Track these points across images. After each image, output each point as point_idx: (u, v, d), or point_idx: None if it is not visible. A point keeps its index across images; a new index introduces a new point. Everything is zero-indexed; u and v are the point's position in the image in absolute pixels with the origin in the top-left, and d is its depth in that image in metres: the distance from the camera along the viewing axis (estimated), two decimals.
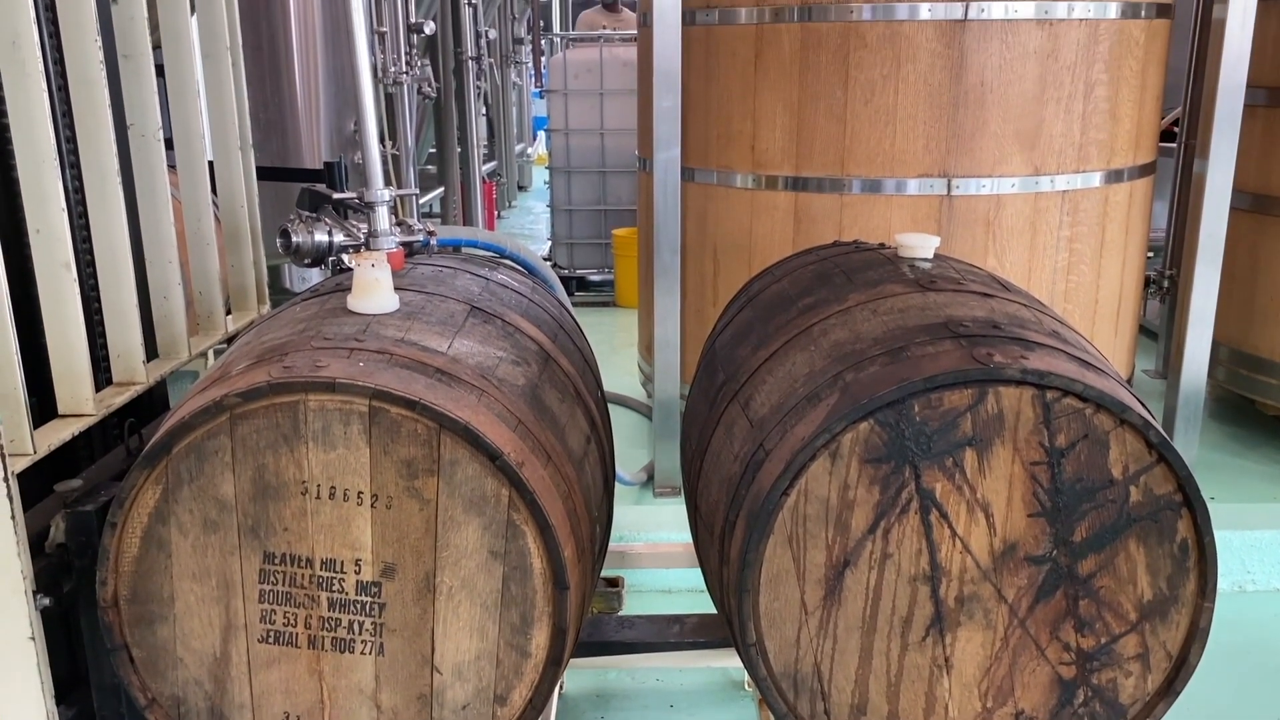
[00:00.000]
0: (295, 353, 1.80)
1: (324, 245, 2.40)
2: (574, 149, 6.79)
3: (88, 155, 2.25)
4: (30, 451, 1.95)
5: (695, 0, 3.59)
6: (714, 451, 2.06)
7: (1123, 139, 3.54)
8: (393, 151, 5.40)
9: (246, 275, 2.92)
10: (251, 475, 1.72)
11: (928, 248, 2.27)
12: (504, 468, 1.71)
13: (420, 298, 2.13)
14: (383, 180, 2.42)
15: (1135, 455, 1.73)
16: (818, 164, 3.50)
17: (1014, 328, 1.87)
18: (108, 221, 2.27)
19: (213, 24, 2.76)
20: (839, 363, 1.87)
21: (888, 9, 3.28)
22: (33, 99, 2.00)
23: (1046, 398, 1.71)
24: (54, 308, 2.10)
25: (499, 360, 1.99)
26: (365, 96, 2.41)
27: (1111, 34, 3.39)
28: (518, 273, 2.75)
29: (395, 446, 1.72)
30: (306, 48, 5.14)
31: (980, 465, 1.74)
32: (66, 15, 2.18)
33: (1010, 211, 3.42)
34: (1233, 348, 4.11)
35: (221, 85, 2.79)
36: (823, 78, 3.40)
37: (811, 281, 2.34)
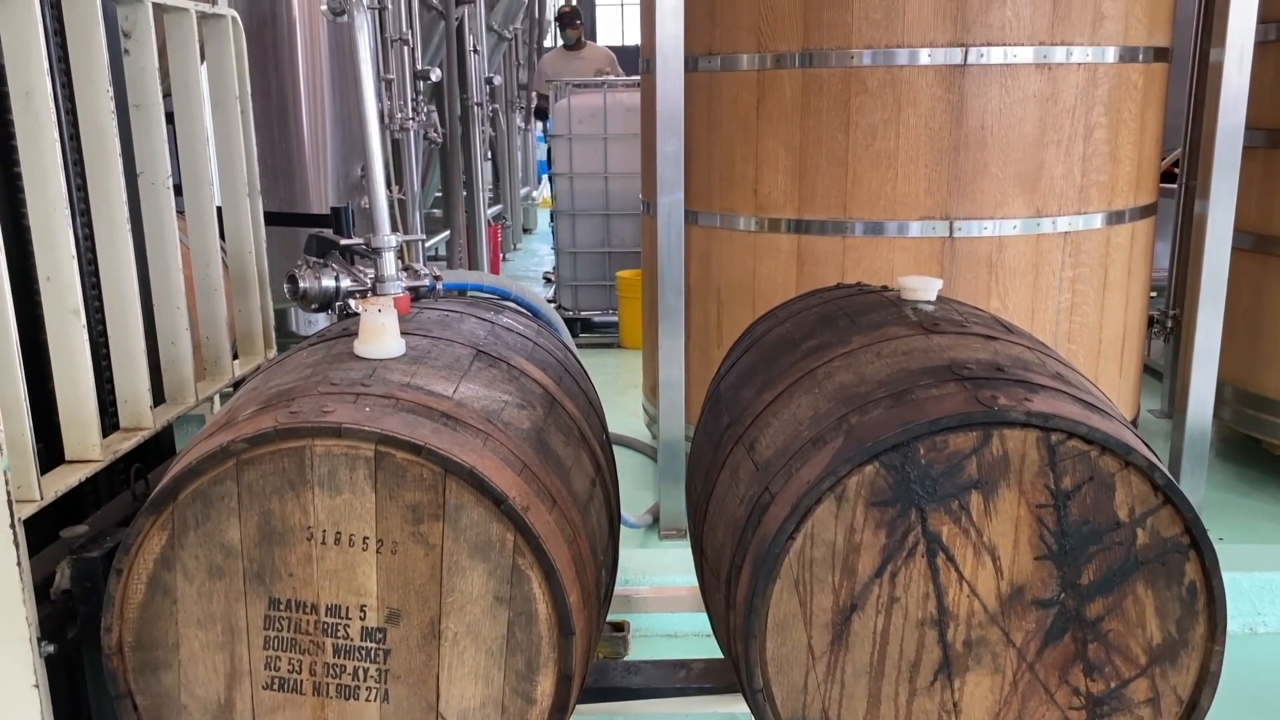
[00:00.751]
0: (302, 398, 1.81)
1: (331, 290, 2.42)
2: (578, 192, 6.85)
3: (98, 203, 2.27)
4: (37, 497, 1.95)
5: (697, 47, 3.63)
6: (719, 495, 2.06)
7: (1123, 180, 3.57)
8: (399, 196, 5.45)
9: (254, 320, 2.94)
10: (257, 521, 1.72)
11: (930, 290, 2.28)
12: (509, 512, 1.71)
13: (426, 342, 2.14)
14: (389, 226, 2.44)
15: (1141, 497, 1.73)
16: (820, 207, 3.53)
17: (1018, 370, 1.87)
18: (117, 268, 2.29)
19: (222, 74, 2.80)
20: (843, 405, 1.87)
21: (888, 55, 3.32)
22: (45, 149, 2.03)
23: (1051, 440, 1.71)
24: (63, 354, 2.11)
25: (504, 404, 2.00)
26: (373, 144, 2.44)
27: (1110, 78, 3.43)
28: (523, 316, 2.77)
29: (401, 491, 1.72)
30: (314, 94, 5.21)
31: (986, 508, 1.74)
32: (79, 66, 2.22)
33: (1012, 253, 3.44)
34: (1238, 387, 4.11)
35: (230, 133, 2.83)
36: (824, 122, 3.44)
37: (815, 324, 2.35)
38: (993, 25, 3.28)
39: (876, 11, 3.30)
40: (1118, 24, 3.40)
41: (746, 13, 3.51)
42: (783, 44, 3.46)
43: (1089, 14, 3.34)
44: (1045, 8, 3.29)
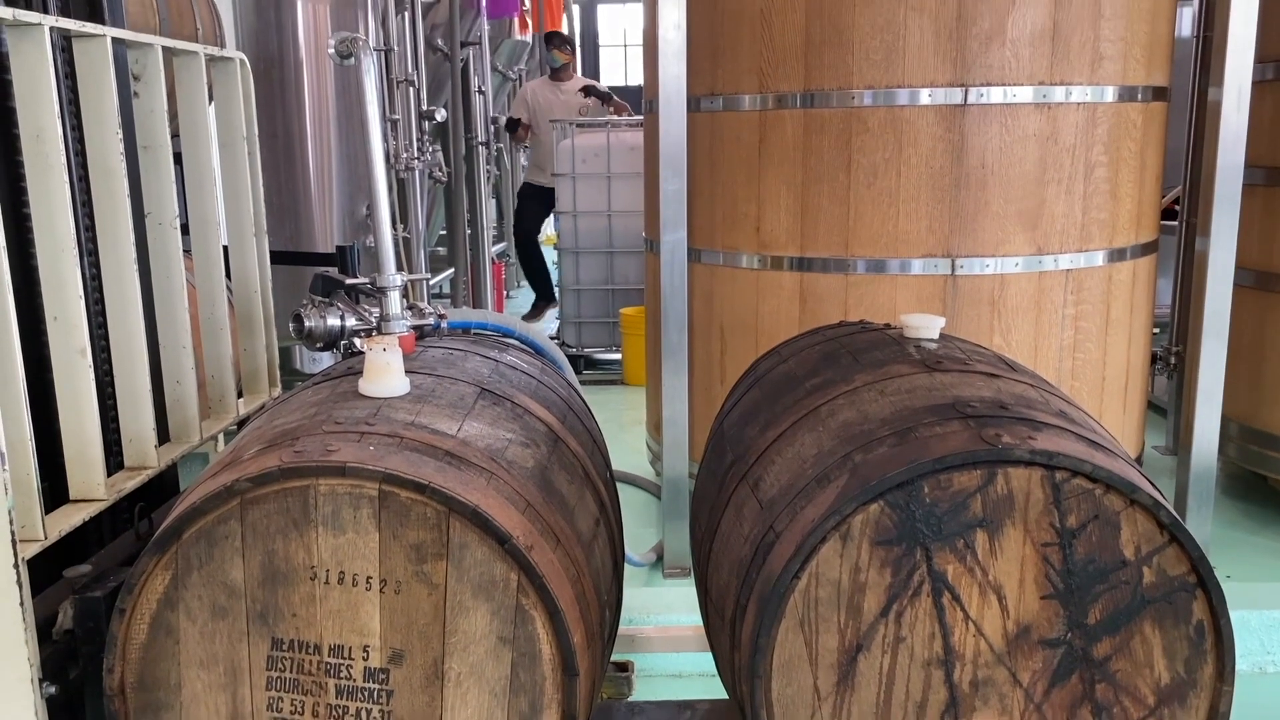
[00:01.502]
0: (306, 437, 1.81)
1: (336, 329, 2.43)
2: (582, 230, 6.89)
3: (105, 243, 2.29)
4: (41, 537, 1.95)
5: (699, 87, 3.67)
6: (723, 533, 2.06)
7: (1124, 218, 3.59)
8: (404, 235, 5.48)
9: (259, 359, 2.95)
10: (261, 560, 1.72)
11: (933, 328, 2.29)
12: (513, 551, 1.71)
13: (431, 380, 2.15)
14: (394, 265, 2.46)
15: (1147, 536, 1.72)
16: (822, 245, 3.54)
17: (1021, 408, 1.87)
18: (123, 308, 2.30)
19: (230, 115, 2.84)
20: (847, 443, 1.87)
21: (889, 95, 3.35)
22: (54, 190, 2.05)
23: (1056, 478, 1.71)
24: (69, 394, 2.12)
25: (508, 442, 2.00)
26: (378, 184, 2.46)
27: (1109, 117, 3.46)
28: (527, 354, 2.78)
29: (404, 530, 1.72)
30: (320, 134, 5.26)
31: (991, 546, 1.73)
32: (89, 108, 2.25)
33: (1015, 290, 3.45)
34: (1242, 424, 4.10)
35: (237, 174, 2.86)
36: (826, 161, 3.47)
37: (818, 362, 2.36)
38: (992, 65, 3.31)
39: (877, 52, 3.34)
40: (1116, 64, 3.44)
41: (748, 54, 3.56)
42: (784, 84, 3.50)
43: (1088, 54, 3.38)
44: (1044, 48, 3.33)
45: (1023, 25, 3.30)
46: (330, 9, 5.24)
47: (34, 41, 2.00)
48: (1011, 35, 3.30)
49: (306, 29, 5.15)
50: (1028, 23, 3.30)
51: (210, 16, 4.28)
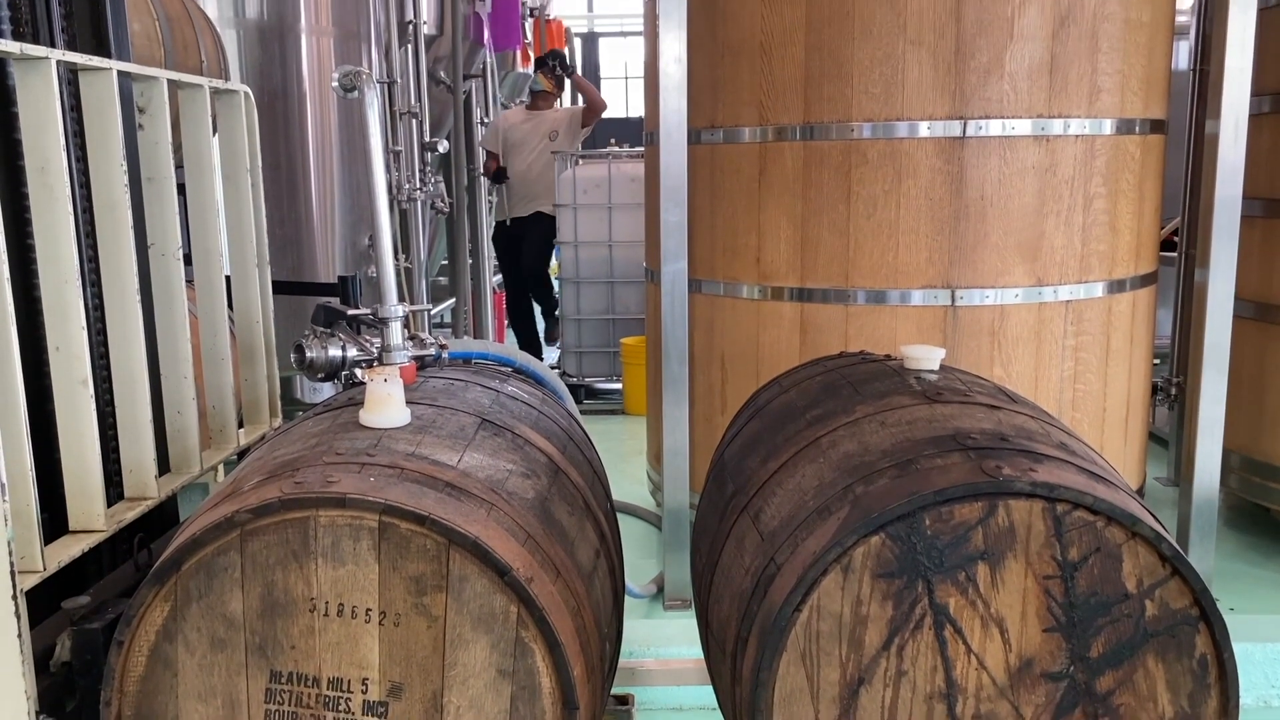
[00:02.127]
0: (307, 468, 1.81)
1: (337, 360, 2.43)
2: (583, 260, 6.92)
3: (109, 274, 2.30)
4: (40, 568, 1.95)
5: (700, 120, 3.70)
6: (724, 565, 2.05)
7: (1123, 250, 3.60)
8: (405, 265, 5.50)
9: (260, 389, 2.95)
10: (260, 592, 1.71)
11: (933, 359, 2.29)
12: (513, 583, 1.70)
13: (432, 411, 2.15)
14: (396, 296, 2.46)
15: (1149, 569, 1.71)
16: (822, 276, 3.55)
17: (1021, 440, 1.87)
18: (126, 339, 2.31)
19: (234, 147, 2.86)
20: (848, 475, 1.87)
21: (888, 127, 3.38)
22: (59, 221, 2.07)
23: (1057, 510, 1.70)
24: (70, 424, 2.12)
25: (509, 473, 2.00)
26: (381, 216, 2.47)
27: (1108, 149, 3.48)
28: (528, 384, 2.78)
29: (404, 562, 1.71)
30: (323, 166, 5.30)
31: (993, 579, 1.72)
32: (94, 141, 2.26)
33: (1015, 321, 3.46)
34: (1244, 455, 4.09)
35: (241, 205, 2.87)
36: (825, 193, 3.49)
37: (819, 393, 2.36)
38: (990, 98, 3.34)
39: (876, 86, 3.37)
40: (1114, 97, 3.46)
41: (748, 87, 3.58)
42: (784, 117, 3.52)
43: (1085, 88, 3.40)
44: (1042, 82, 3.36)
45: (1021, 59, 3.33)
46: (334, 42, 5.29)
47: (41, 75, 2.02)
48: (1010, 69, 3.33)
49: (310, 62, 5.20)
50: (1025, 56, 3.33)
51: (215, 49, 4.32)
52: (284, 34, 5.13)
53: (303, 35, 5.16)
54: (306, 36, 5.17)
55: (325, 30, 5.25)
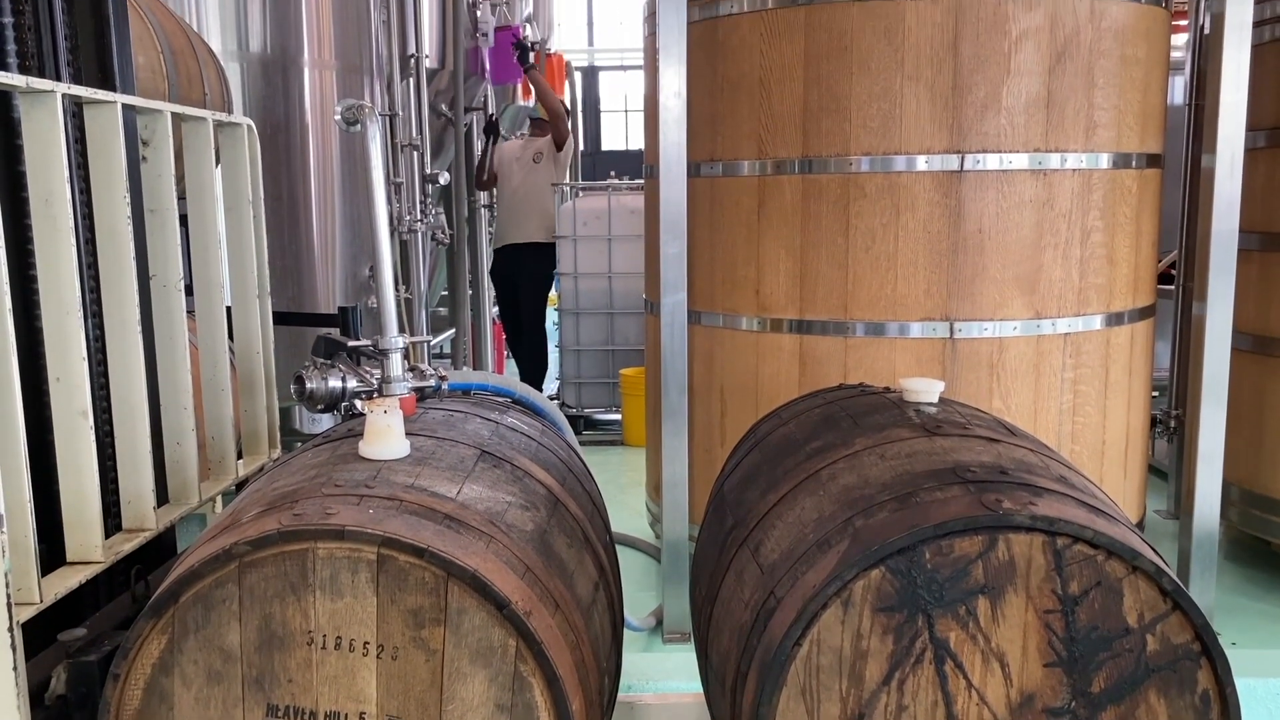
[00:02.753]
0: (306, 499, 1.81)
1: (337, 391, 2.43)
2: (583, 291, 6.94)
3: (110, 305, 2.31)
4: (37, 600, 1.94)
5: (699, 153, 3.72)
6: (724, 598, 2.04)
7: (1121, 283, 3.61)
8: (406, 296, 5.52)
9: (259, 420, 2.95)
10: (258, 625, 1.70)
11: (932, 392, 2.30)
12: (511, 617, 1.70)
13: (431, 443, 2.15)
14: (397, 327, 2.47)
15: (1150, 603, 1.71)
16: (821, 308, 3.56)
17: (1021, 473, 1.87)
18: (126, 370, 2.31)
19: (237, 179, 2.88)
20: (848, 508, 1.87)
21: (885, 161, 3.40)
22: (61, 253, 2.08)
23: (1057, 544, 1.70)
24: (69, 455, 2.12)
25: (508, 505, 2.00)
26: (382, 248, 2.48)
27: (1104, 183, 3.50)
28: (527, 415, 2.78)
29: (403, 595, 1.70)
30: (324, 197, 5.33)
31: (994, 613, 1.72)
32: (98, 173, 2.28)
33: (1013, 354, 3.47)
34: (1244, 488, 4.08)
35: (242, 236, 2.89)
36: (824, 226, 3.50)
37: (818, 425, 2.36)
38: (988, 133, 3.37)
39: (874, 120, 3.40)
40: (1110, 132, 3.49)
41: (747, 122, 3.61)
42: (783, 151, 3.55)
43: (1082, 122, 3.43)
44: (1039, 116, 3.38)
45: (1018, 94, 3.36)
46: (336, 75, 5.33)
47: (46, 108, 2.03)
48: (1007, 103, 3.36)
49: (313, 94, 5.24)
50: (1022, 91, 3.36)
51: (218, 82, 4.35)
52: (287, 67, 5.18)
53: (305, 68, 5.21)
54: (309, 69, 5.22)
55: (328, 63, 5.30)
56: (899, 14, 3.34)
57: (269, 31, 5.15)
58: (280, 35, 5.17)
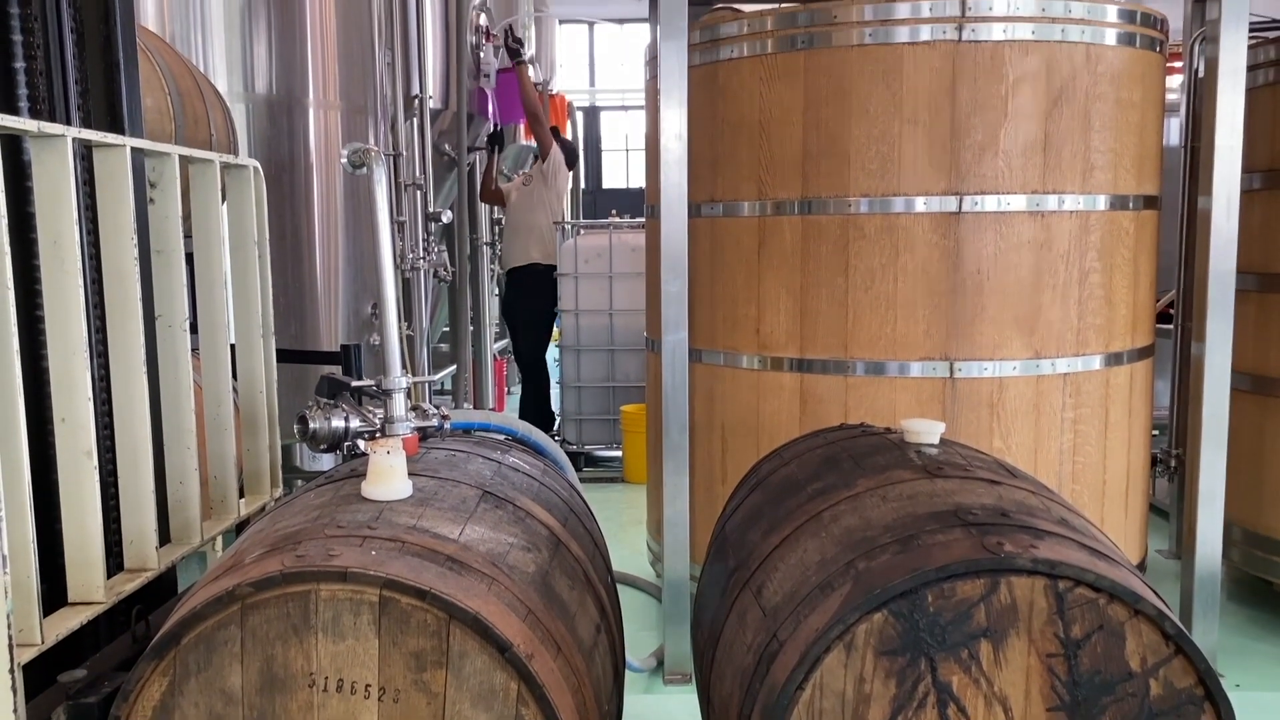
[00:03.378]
0: (309, 540, 1.81)
1: (340, 431, 2.44)
2: (584, 328, 6.98)
3: (116, 345, 2.32)
4: (38, 641, 1.93)
5: (700, 194, 3.76)
6: (726, 641, 2.04)
7: (1119, 323, 3.63)
8: (408, 333, 5.53)
9: (262, 459, 2.96)
10: (260, 667, 1.70)
11: (933, 433, 2.31)
12: (513, 660, 1.69)
13: (433, 483, 2.16)
14: (400, 367, 2.48)
15: (1152, 647, 1.71)
16: (821, 347, 3.58)
17: (1022, 515, 1.88)
18: (131, 411, 2.32)
19: (242, 220, 2.90)
20: (850, 550, 1.87)
21: (884, 203, 3.43)
22: (69, 294, 2.09)
23: (1059, 588, 1.70)
24: (73, 495, 2.12)
25: (510, 546, 2.00)
26: (387, 289, 2.50)
27: (1102, 225, 3.53)
28: (529, 454, 2.78)
29: (405, 638, 1.70)
30: (328, 236, 5.36)
31: (996, 657, 1.72)
32: (106, 214, 2.30)
33: (1013, 394, 3.48)
34: (1245, 528, 4.08)
35: (248, 276, 2.91)
36: (824, 266, 3.53)
37: (820, 466, 2.37)
38: (986, 175, 3.40)
39: (872, 162, 3.43)
40: (1107, 174, 3.52)
41: (747, 163, 3.65)
42: (782, 192, 3.58)
43: (1079, 165, 3.47)
44: (1036, 159, 3.42)
45: (1015, 137, 3.40)
46: (341, 115, 5.39)
47: (57, 152, 2.06)
48: (1004, 146, 3.40)
49: (318, 135, 5.29)
50: (1020, 134, 3.40)
51: (224, 122, 4.40)
52: (292, 108, 5.23)
53: (310, 109, 5.26)
54: (314, 110, 5.27)
55: (333, 104, 5.36)
56: (897, 59, 3.38)
57: (275, 72, 5.21)
58: (286, 76, 5.23)
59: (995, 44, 3.36)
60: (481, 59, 6.71)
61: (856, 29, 3.42)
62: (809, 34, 3.49)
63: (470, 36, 6.61)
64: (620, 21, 21.52)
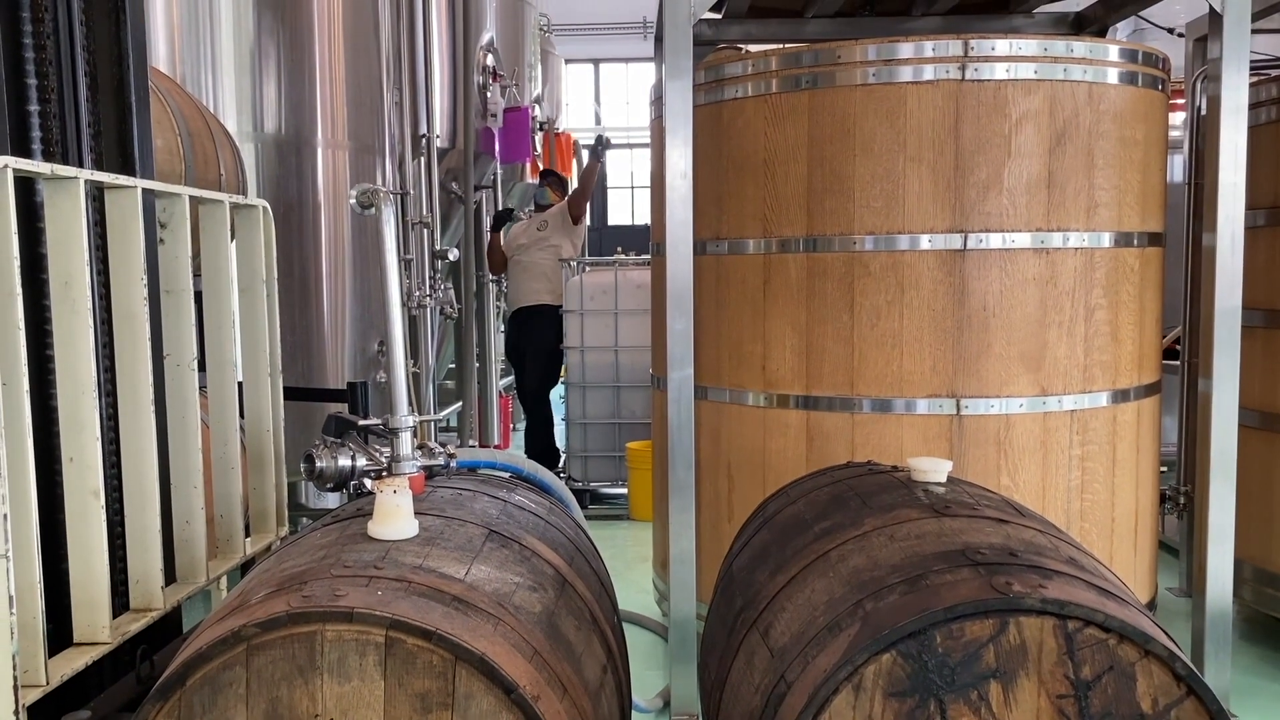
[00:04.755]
0: (315, 581, 1.81)
1: (347, 470, 2.45)
2: (589, 365, 6.99)
3: (124, 385, 2.33)
4: (43, 683, 1.93)
5: (705, 232, 3.78)
6: (734, 682, 2.02)
7: (1126, 360, 3.63)
8: (414, 370, 5.55)
9: (268, 498, 2.96)
10: (265, 709, 1.69)
11: (940, 472, 2.30)
12: (519, 701, 1.68)
13: (439, 522, 2.16)
14: (407, 406, 2.49)
15: (1163, 688, 1.69)
16: (827, 384, 3.58)
17: (1030, 555, 1.87)
18: (138, 451, 2.33)
19: (251, 260, 2.92)
20: (858, 590, 1.86)
21: (889, 240, 3.45)
22: (79, 335, 2.10)
23: (1069, 628, 1.69)
24: (80, 535, 2.13)
25: (516, 586, 1.99)
26: (395, 328, 2.52)
27: (1107, 261, 3.54)
28: (535, 493, 2.78)
29: (410, 679, 1.70)
30: (336, 274, 5.39)
31: (1006, 698, 1.70)
32: (116, 256, 2.32)
33: (1020, 431, 3.47)
34: (1256, 566, 4.05)
35: (256, 315, 2.92)
36: (829, 303, 3.54)
37: (827, 505, 2.36)
38: (990, 213, 3.42)
39: (877, 200, 3.45)
40: (1111, 211, 3.54)
41: (752, 201, 3.67)
42: (787, 230, 3.60)
43: (1083, 202, 3.48)
44: (1040, 196, 3.44)
45: (1019, 175, 3.42)
46: (349, 155, 5.44)
47: (69, 194, 2.08)
48: (1008, 184, 3.42)
49: (326, 174, 5.34)
50: (1023, 172, 3.42)
51: (234, 162, 4.44)
52: (300, 147, 5.28)
53: (319, 148, 5.32)
54: (323, 150, 5.33)
55: (341, 143, 5.41)
56: (900, 98, 3.41)
57: (284, 113, 5.27)
58: (295, 116, 5.29)
59: (998, 83, 3.39)
60: (488, 99, 6.78)
61: (860, 69, 3.45)
62: (813, 74, 3.52)
63: (477, 76, 6.69)
64: (626, 61, 21.75)
